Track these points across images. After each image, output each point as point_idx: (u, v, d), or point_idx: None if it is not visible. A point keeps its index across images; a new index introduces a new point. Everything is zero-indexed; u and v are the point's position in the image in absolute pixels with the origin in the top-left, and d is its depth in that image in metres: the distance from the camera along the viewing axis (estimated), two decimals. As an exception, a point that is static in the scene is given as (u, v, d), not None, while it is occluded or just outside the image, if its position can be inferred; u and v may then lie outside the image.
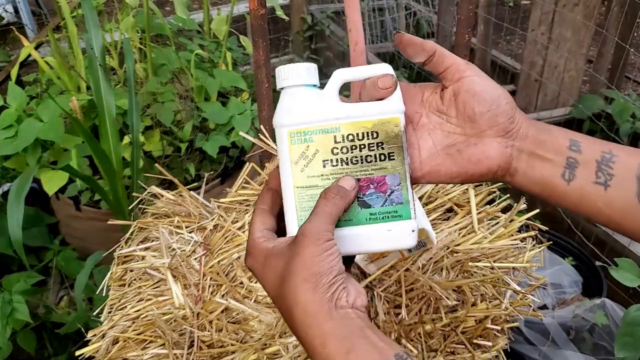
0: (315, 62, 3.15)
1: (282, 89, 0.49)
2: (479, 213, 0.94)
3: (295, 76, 0.48)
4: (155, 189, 1.06)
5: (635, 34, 2.78)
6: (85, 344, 0.87)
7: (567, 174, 0.46)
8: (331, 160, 0.47)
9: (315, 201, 0.46)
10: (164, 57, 1.78)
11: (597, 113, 2.06)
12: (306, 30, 3.20)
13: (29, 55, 1.67)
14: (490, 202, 0.97)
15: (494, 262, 0.86)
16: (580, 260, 1.68)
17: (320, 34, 3.20)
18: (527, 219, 0.95)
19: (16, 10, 3.21)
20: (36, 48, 1.72)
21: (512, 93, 2.37)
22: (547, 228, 0.98)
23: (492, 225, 0.94)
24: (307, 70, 0.48)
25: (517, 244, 0.91)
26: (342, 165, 0.47)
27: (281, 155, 0.47)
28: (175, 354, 0.81)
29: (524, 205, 0.94)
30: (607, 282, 1.56)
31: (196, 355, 0.81)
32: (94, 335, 0.87)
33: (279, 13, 1.91)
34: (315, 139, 0.47)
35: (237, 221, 0.95)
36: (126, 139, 1.57)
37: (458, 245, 0.88)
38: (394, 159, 0.47)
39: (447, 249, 0.87)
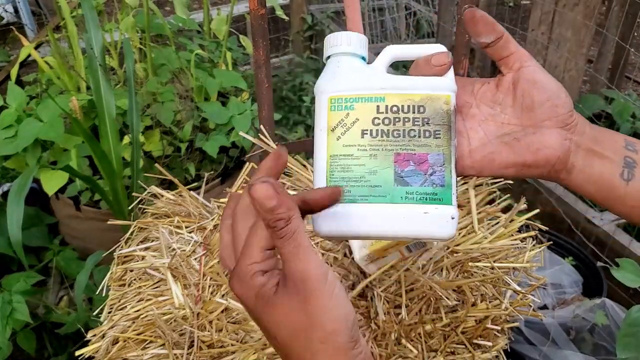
0: (315, 62, 3.16)
1: (329, 57, 0.46)
2: (479, 213, 0.94)
3: (345, 43, 0.45)
4: (155, 189, 1.05)
5: (636, 34, 2.78)
6: (85, 344, 0.87)
7: (626, 173, 0.45)
8: (371, 131, 0.44)
9: (347, 172, 0.43)
10: (164, 57, 1.78)
11: (597, 113, 2.06)
12: (306, 30, 3.20)
13: (29, 55, 1.67)
14: (490, 202, 0.97)
15: (494, 262, 0.86)
16: (580, 260, 1.68)
17: (320, 34, 3.20)
18: (527, 219, 0.95)
19: (16, 10, 3.20)
20: (36, 48, 1.72)
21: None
22: (547, 228, 0.98)
23: (492, 225, 0.93)
24: (359, 40, 0.46)
25: (517, 244, 0.91)
26: (382, 137, 0.43)
27: (318, 122, 0.45)
28: (175, 354, 0.81)
29: (524, 205, 0.94)
30: (607, 282, 1.56)
31: (196, 355, 0.81)
32: (94, 335, 0.87)
33: (279, 13, 1.91)
34: (356, 106, 0.44)
35: (237, 221, 0.94)
36: (126, 139, 1.57)
37: (458, 245, 0.88)
38: (439, 138, 0.44)
39: (447, 249, 0.87)
